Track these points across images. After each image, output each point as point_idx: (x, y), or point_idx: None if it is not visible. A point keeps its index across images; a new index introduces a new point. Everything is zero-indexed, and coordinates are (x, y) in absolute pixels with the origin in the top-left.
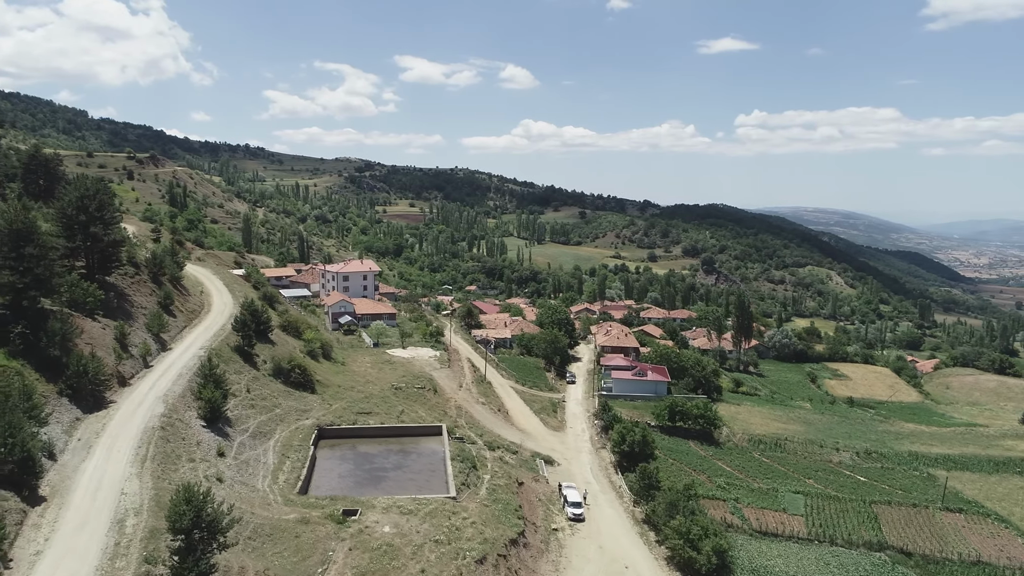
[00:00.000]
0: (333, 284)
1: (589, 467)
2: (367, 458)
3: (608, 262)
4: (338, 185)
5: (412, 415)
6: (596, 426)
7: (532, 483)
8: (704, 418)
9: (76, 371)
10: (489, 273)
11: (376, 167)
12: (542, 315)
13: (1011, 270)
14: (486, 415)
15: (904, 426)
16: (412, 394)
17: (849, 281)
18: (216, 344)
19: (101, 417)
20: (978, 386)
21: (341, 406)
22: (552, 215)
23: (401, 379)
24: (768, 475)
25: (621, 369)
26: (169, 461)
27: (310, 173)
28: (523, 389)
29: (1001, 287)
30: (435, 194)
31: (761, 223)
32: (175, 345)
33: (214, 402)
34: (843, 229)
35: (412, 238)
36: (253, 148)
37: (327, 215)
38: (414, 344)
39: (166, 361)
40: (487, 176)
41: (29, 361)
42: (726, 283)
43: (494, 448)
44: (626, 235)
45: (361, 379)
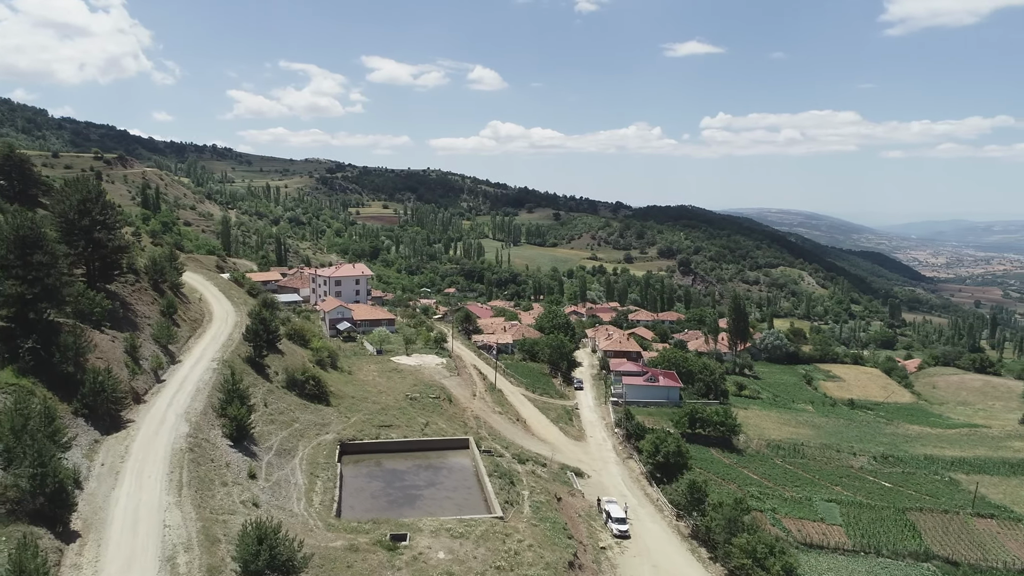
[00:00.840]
0: (325, 289)
1: (620, 478)
2: (396, 475)
3: (585, 263)
4: (309, 186)
5: (434, 427)
6: (617, 435)
7: (569, 498)
8: (725, 425)
9: (92, 389)
10: (468, 275)
11: (347, 168)
12: (542, 319)
13: (967, 269)
14: (505, 425)
15: (909, 428)
16: (428, 404)
17: (820, 281)
18: (227, 355)
19: (121, 438)
20: (964, 385)
21: (360, 419)
22: (526, 216)
23: (413, 388)
24: (796, 483)
25: (632, 375)
26: (205, 486)
27: (280, 174)
28: (534, 396)
29: (960, 286)
30: (408, 195)
31: (732, 224)
32: (184, 357)
33: (240, 420)
34: (806, 230)
35: (388, 240)
36: (220, 148)
37: (300, 217)
38: (418, 351)
39: (178, 374)
40: (460, 177)
41: (40, 378)
42: (703, 284)
43: (524, 461)
44: (601, 236)
45: (372, 389)
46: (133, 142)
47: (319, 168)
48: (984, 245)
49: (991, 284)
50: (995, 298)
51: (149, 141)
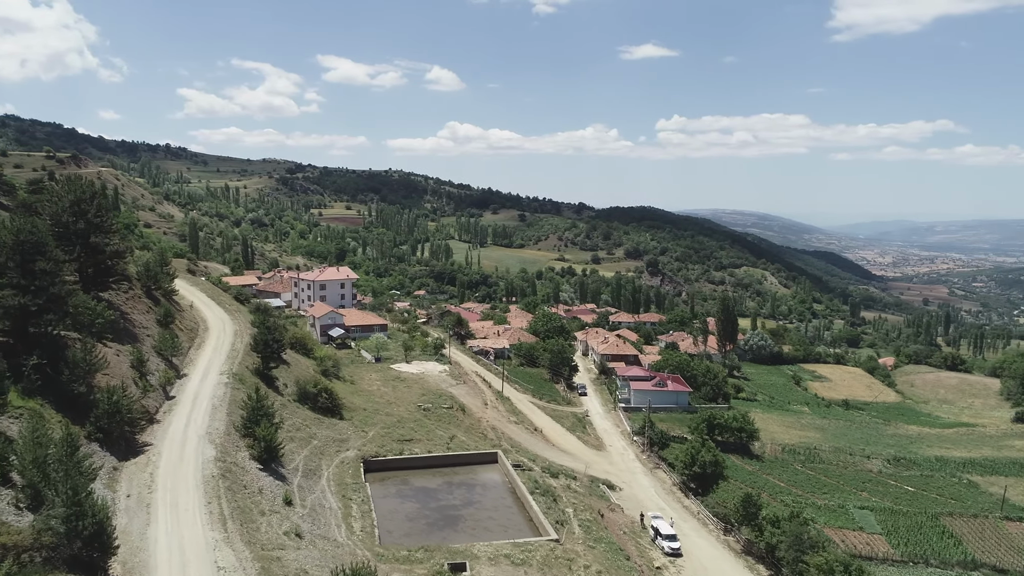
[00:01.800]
0: (308, 293)
1: (653, 490)
2: (428, 494)
3: (554, 265)
4: (270, 187)
5: (457, 441)
6: (637, 443)
7: (610, 514)
8: (744, 430)
9: (108, 410)
10: (438, 277)
11: (307, 169)
12: (536, 323)
13: (913, 268)
14: (523, 436)
15: (907, 429)
16: (442, 415)
17: (782, 281)
18: (236, 368)
19: (143, 465)
20: (941, 383)
21: (377, 433)
22: (491, 218)
23: (422, 398)
24: (822, 489)
25: (640, 380)
26: (247, 518)
27: (237, 174)
28: (543, 404)
29: (908, 284)
30: (371, 196)
31: (694, 225)
32: (189, 370)
33: (269, 440)
34: (759, 230)
35: (353, 242)
36: (175, 148)
37: (263, 218)
38: (417, 358)
39: (188, 390)
40: (423, 178)
41: (47, 399)
42: (671, 285)
43: (556, 475)
44: (568, 238)
45: (380, 400)
46: (82, 141)
47: (278, 168)
48: (927, 245)
49: (936, 282)
50: (942, 296)
51: (99, 140)
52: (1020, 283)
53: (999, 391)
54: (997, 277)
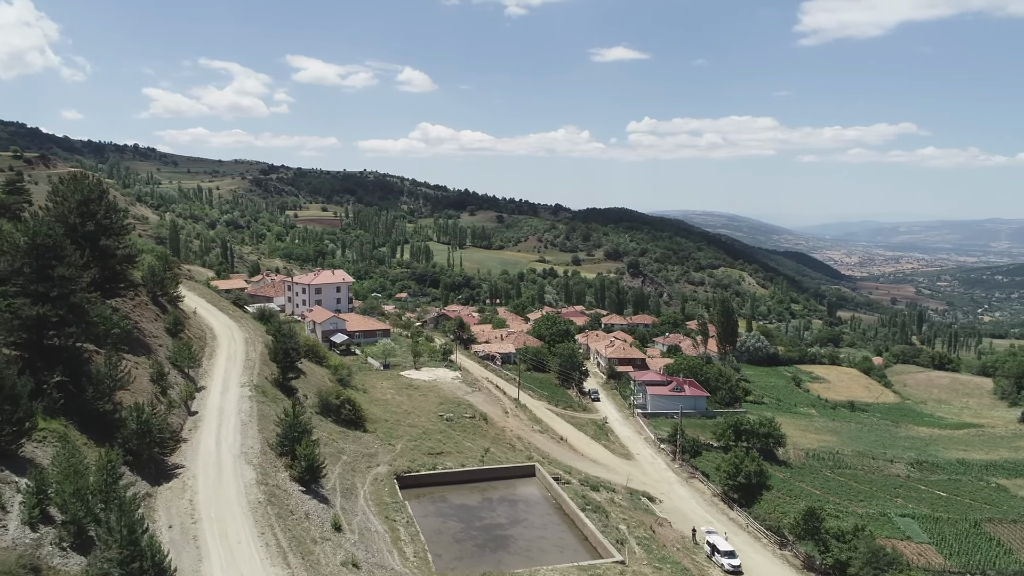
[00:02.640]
0: (303, 298)
1: (694, 502)
2: (469, 511)
3: (535, 266)
4: (243, 188)
5: (488, 453)
6: (665, 451)
7: (659, 528)
8: (772, 436)
9: (136, 430)
10: (419, 279)
11: (281, 170)
12: (540, 326)
13: (879, 268)
14: (550, 446)
15: (917, 430)
16: (466, 425)
17: (760, 282)
18: (256, 379)
19: (178, 490)
20: (932, 383)
21: (405, 446)
22: (469, 219)
23: (440, 408)
24: (857, 496)
25: (656, 384)
26: (305, 550)
27: (209, 175)
28: (560, 411)
29: (876, 284)
30: (347, 198)
31: (670, 226)
32: (206, 381)
33: (311, 460)
34: (729, 231)
35: (332, 244)
36: (143, 148)
37: (238, 220)
38: (427, 365)
39: (209, 404)
40: (399, 179)
41: (71, 419)
42: (652, 285)
43: (596, 488)
44: (548, 239)
45: (398, 409)
46: (46, 141)
47: (251, 169)
48: (892, 245)
49: (903, 282)
50: (909, 295)
51: (64, 140)
52: (982, 282)
53: (992, 390)
54: (960, 276)
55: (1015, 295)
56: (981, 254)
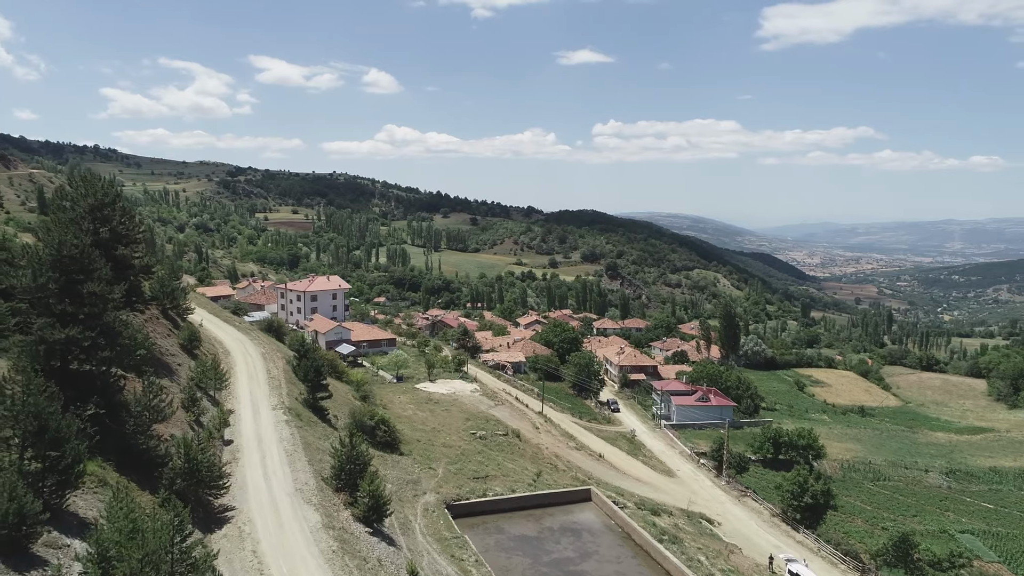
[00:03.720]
0: (298, 305)
1: (752, 523)
2: (532, 544)
3: (513, 269)
4: (210, 190)
5: (530, 473)
6: (705, 467)
7: (730, 555)
8: (812, 448)
9: (185, 468)
10: (398, 283)
11: (249, 172)
12: (548, 334)
13: (840, 268)
14: (589, 464)
15: (934, 436)
16: (501, 444)
17: (735, 283)
18: (286, 400)
19: (235, 539)
20: (924, 384)
21: (446, 470)
22: (442, 221)
23: (468, 424)
24: (908, 511)
25: (681, 394)
26: None
27: (174, 177)
28: (586, 424)
29: (840, 284)
30: (317, 200)
31: (644, 228)
32: (232, 404)
33: (377, 496)
34: (694, 233)
35: (306, 247)
36: (104, 149)
37: (207, 223)
38: (441, 377)
39: (244, 431)
40: (370, 181)
41: (107, 457)
42: (630, 288)
43: (656, 512)
44: (524, 241)
45: (424, 427)
46: (1, 141)
47: (218, 171)
48: (851, 246)
49: (864, 282)
50: (871, 295)
51: (20, 140)
52: (940, 282)
53: (987, 392)
54: (919, 276)
55: (971, 294)
56: (936, 254)
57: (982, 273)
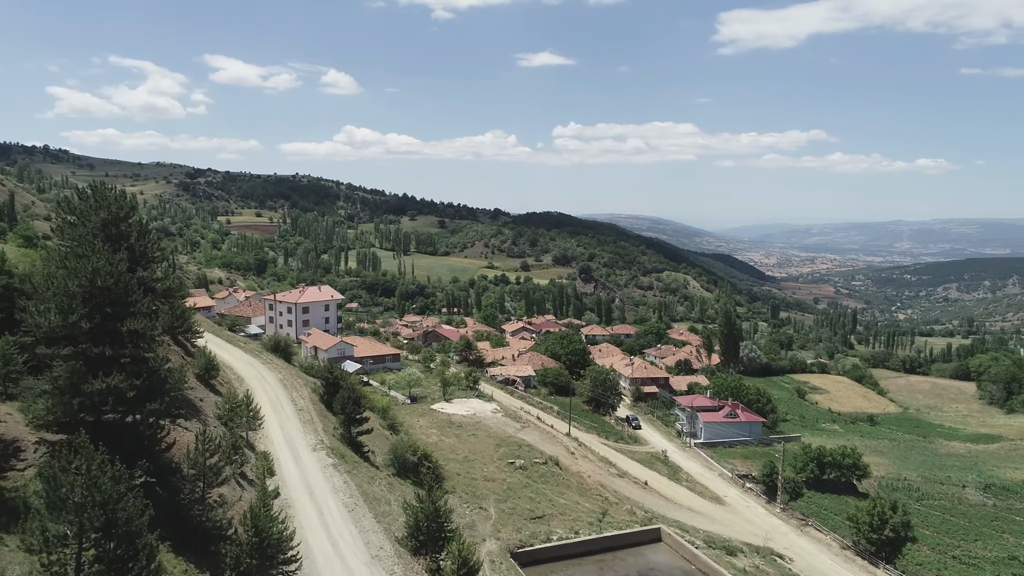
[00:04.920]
0: (289, 318)
1: (824, 557)
2: None
3: (486, 273)
4: (169, 193)
5: (583, 508)
6: (753, 491)
7: None
8: (857, 467)
9: (253, 544)
10: (370, 288)
11: (208, 173)
12: (554, 345)
13: (796, 268)
14: (636, 492)
15: (950, 446)
16: (543, 474)
17: (704, 285)
18: (323, 436)
19: None
20: (913, 388)
21: (498, 510)
22: (410, 224)
23: (500, 451)
24: (967, 535)
25: (707, 410)
26: None
27: (129, 179)
28: (614, 444)
29: (798, 284)
30: (281, 203)
31: (612, 231)
32: (265, 444)
33: (469, 562)
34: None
35: (272, 252)
36: (55, 150)
37: (169, 227)
38: (456, 396)
39: (288, 479)
40: (334, 183)
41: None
42: (604, 291)
43: (732, 552)
44: (494, 244)
45: (455, 455)
46: None
47: (176, 172)
48: (805, 246)
49: (821, 281)
50: (829, 295)
51: None
52: (892, 281)
53: (978, 396)
54: (872, 276)
55: (922, 293)
56: (886, 254)
57: (932, 272)
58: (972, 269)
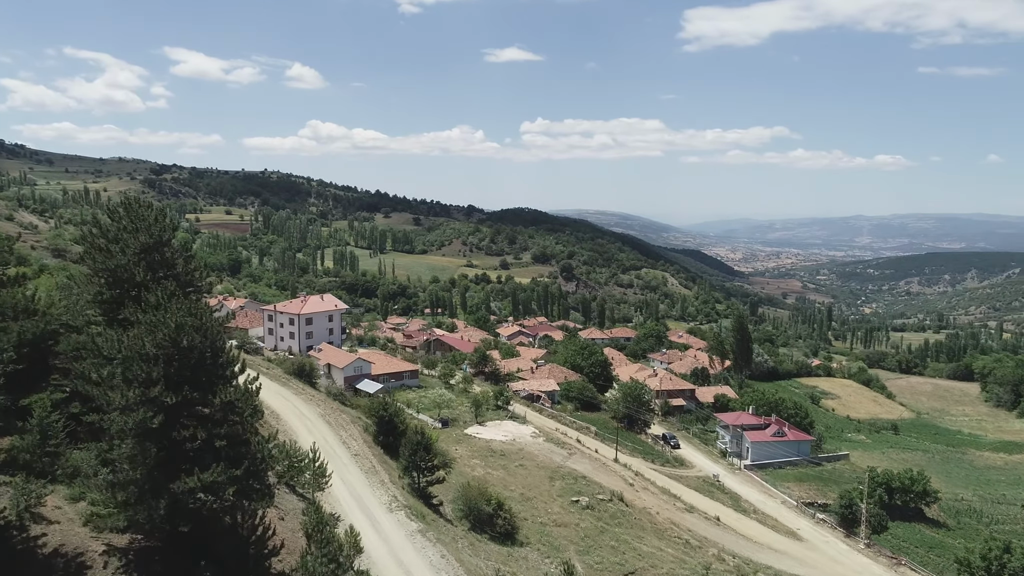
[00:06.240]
0: (290, 330)
1: None
2: None
3: (466, 272)
4: (134, 190)
5: (668, 556)
6: (827, 523)
7: None
8: (927, 493)
9: None
10: (350, 289)
11: (174, 169)
12: (574, 356)
13: (762, 263)
14: (713, 531)
15: (984, 456)
16: (613, 514)
17: (682, 282)
18: (395, 491)
19: None
20: (916, 390)
21: (584, 564)
22: (384, 221)
23: (558, 486)
24: None
25: (753, 428)
26: None
27: (91, 175)
28: (661, 468)
29: (766, 279)
30: (251, 200)
31: (589, 228)
32: (329, 503)
33: None
34: (622, 229)
35: (246, 251)
36: (11, 145)
37: None
38: (488, 418)
39: (374, 555)
40: (305, 180)
41: None
42: (586, 289)
43: None
44: (472, 243)
45: (512, 492)
46: None
47: (140, 168)
48: (769, 241)
49: (787, 276)
50: (796, 289)
51: None
52: (856, 275)
53: (983, 398)
54: (836, 270)
55: (885, 287)
56: (848, 248)
57: (894, 267)
58: (932, 263)
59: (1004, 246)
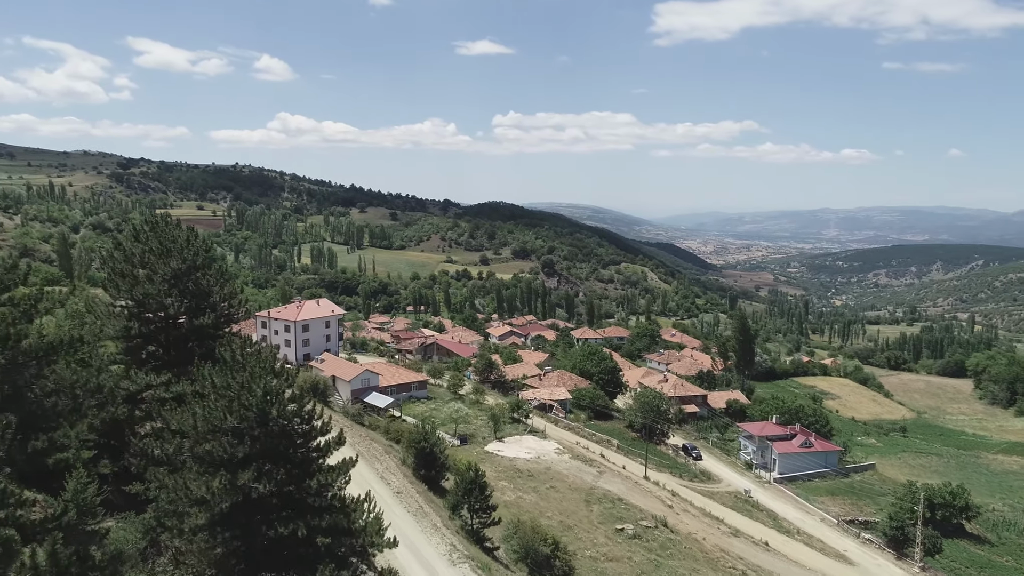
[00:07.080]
0: (286, 338)
1: None
2: None
3: (446, 268)
4: (101, 184)
5: None
6: (873, 543)
7: None
8: (969, 509)
9: None
10: (330, 287)
11: (143, 163)
12: (583, 362)
13: (732, 256)
14: (761, 556)
15: (999, 460)
16: (662, 543)
17: (662, 277)
18: (456, 542)
19: None
20: (909, 388)
21: None
22: (360, 216)
23: (592, 509)
24: None
25: (780, 439)
26: None
27: (55, 169)
28: (691, 484)
29: (738, 272)
30: (223, 194)
31: (567, 223)
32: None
33: None
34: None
35: (220, 248)
36: None
37: (105, 222)
38: (507, 433)
39: None
40: (278, 174)
41: None
42: (568, 285)
43: None
44: (451, 238)
45: (549, 519)
46: None
47: (106, 162)
48: (739, 234)
49: (758, 269)
50: (768, 282)
51: None
52: (826, 267)
53: (978, 396)
54: (806, 263)
55: (854, 279)
56: (815, 241)
57: (862, 259)
58: (898, 256)
59: (966, 238)
